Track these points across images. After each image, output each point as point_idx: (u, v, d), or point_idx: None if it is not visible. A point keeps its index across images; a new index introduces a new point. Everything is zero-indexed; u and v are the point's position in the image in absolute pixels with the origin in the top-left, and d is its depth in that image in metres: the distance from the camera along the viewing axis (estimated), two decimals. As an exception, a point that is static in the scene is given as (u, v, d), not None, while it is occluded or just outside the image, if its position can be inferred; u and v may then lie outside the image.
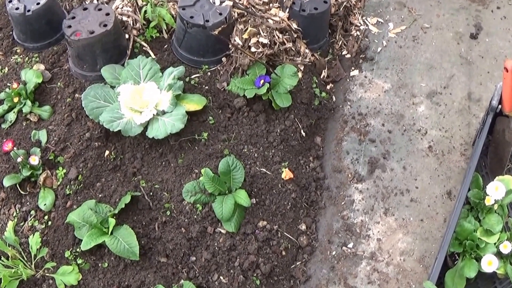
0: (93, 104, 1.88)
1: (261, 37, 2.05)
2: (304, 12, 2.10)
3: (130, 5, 2.24)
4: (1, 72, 2.14)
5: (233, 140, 1.92)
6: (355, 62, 2.28)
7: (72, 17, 2.03)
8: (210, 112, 1.96)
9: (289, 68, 2.01)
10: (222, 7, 2.04)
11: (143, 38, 2.18)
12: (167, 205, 1.76)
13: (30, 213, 1.78)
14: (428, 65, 2.18)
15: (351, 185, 1.90)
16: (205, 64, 2.09)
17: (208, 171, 1.72)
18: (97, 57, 2.01)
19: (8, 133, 1.96)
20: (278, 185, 1.84)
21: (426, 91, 2.11)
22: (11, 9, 2.11)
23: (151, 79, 1.94)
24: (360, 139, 2.02)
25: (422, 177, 1.88)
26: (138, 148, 1.88)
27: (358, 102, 2.13)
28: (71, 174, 1.80)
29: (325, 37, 2.30)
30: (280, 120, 2.00)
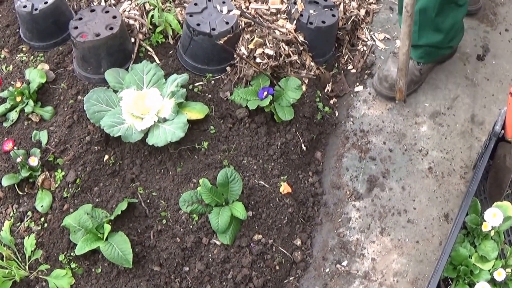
0: (95, 108, 1.90)
1: (267, 48, 2.08)
2: (312, 25, 2.12)
3: (137, 9, 2.26)
4: (5, 70, 2.17)
5: (233, 151, 1.94)
6: (360, 78, 2.30)
7: (79, 18, 2.05)
8: (211, 121, 1.99)
9: (293, 81, 2.03)
10: (230, 16, 2.06)
11: (148, 42, 2.21)
12: (163, 213, 1.78)
13: (27, 214, 1.81)
14: (433, 85, 2.20)
15: (349, 202, 1.92)
16: (209, 72, 2.12)
17: (206, 182, 1.74)
18: (102, 60, 2.03)
19: (9, 132, 1.98)
20: (275, 198, 1.86)
21: (430, 111, 2.13)
22: (19, 7, 2.14)
23: (154, 85, 1.97)
24: (360, 156, 2.03)
25: (421, 198, 1.90)
26: (138, 155, 1.90)
27: (361, 118, 2.15)
28: (70, 177, 1.83)
29: (331, 51, 2.31)
30: (281, 133, 2.02)
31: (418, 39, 2.07)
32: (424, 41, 2.08)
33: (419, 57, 2.15)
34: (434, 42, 2.09)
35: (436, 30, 2.04)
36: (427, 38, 2.07)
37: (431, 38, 2.07)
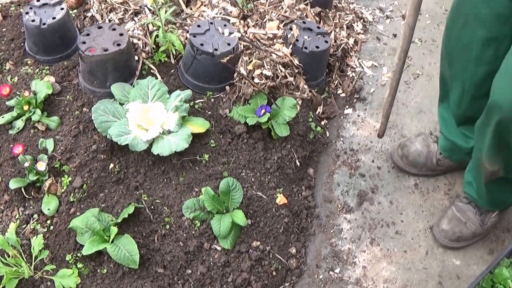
0: (102, 118, 2.03)
1: (264, 69, 2.26)
2: (306, 50, 2.32)
3: (141, 29, 2.43)
4: (11, 81, 2.29)
5: (232, 164, 2.09)
6: (349, 101, 2.50)
7: (86, 34, 2.20)
8: (212, 136, 2.14)
9: (289, 100, 2.21)
10: (231, 38, 2.25)
11: (151, 61, 2.37)
12: (167, 219, 1.91)
13: (33, 216, 1.91)
14: (418, 109, 2.41)
15: (340, 215, 2.08)
16: (209, 91, 2.28)
17: (209, 190, 1.89)
18: (108, 74, 2.17)
19: (16, 139, 2.09)
20: (272, 209, 2.00)
21: (415, 132, 2.34)
22: (27, 20, 2.27)
23: (159, 99, 2.12)
24: (350, 173, 2.21)
25: (407, 212, 2.07)
26: (142, 164, 2.03)
27: (351, 138, 2.34)
28: (76, 183, 1.94)
29: (323, 76, 2.52)
30: (277, 149, 2.18)
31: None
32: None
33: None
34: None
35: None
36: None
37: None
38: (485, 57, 1.63)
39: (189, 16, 2.51)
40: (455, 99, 1.88)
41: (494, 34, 1.55)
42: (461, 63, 1.72)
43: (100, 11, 2.52)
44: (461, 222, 2.00)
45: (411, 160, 2.18)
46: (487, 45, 1.59)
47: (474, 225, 1.99)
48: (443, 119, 2.04)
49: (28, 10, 2.32)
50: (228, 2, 2.57)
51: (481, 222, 1.99)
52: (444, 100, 2.01)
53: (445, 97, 1.98)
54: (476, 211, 2.00)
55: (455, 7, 1.69)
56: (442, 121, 2.05)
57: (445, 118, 2.03)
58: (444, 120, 2.04)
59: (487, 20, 1.54)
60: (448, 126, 2.02)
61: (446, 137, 2.06)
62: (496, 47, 1.57)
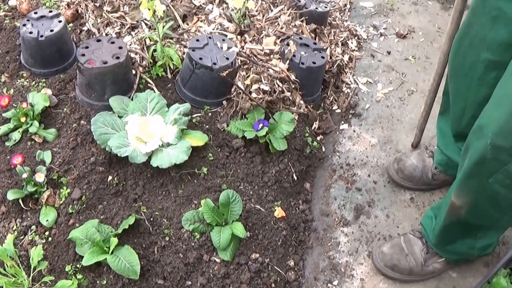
0: (102, 130, 2.10)
1: (262, 84, 2.36)
2: (303, 65, 2.42)
3: (138, 43, 2.52)
4: (6, 93, 2.35)
5: (230, 177, 2.17)
6: (345, 117, 2.60)
7: (85, 47, 2.28)
8: (210, 149, 2.22)
9: (286, 115, 2.30)
10: (229, 52, 2.35)
11: (148, 75, 2.45)
12: (166, 231, 1.97)
13: (31, 228, 1.96)
14: (413, 125, 2.53)
15: (337, 228, 2.17)
16: (207, 105, 2.37)
17: (209, 202, 1.96)
18: (107, 87, 2.25)
19: (13, 151, 2.16)
20: (270, 222, 2.08)
21: (410, 147, 2.44)
22: (25, 32, 2.35)
23: (157, 112, 2.20)
24: (347, 187, 2.30)
25: (404, 225, 2.17)
26: (140, 176, 2.10)
27: (347, 153, 2.43)
28: (75, 194, 2.01)
29: (319, 92, 2.62)
30: (275, 163, 2.27)
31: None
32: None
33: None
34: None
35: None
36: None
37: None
38: (488, 79, 1.69)
39: (186, 31, 2.61)
40: (456, 115, 1.95)
41: (497, 58, 1.60)
42: (465, 80, 1.79)
43: (96, 25, 2.61)
44: (403, 252, 1.99)
45: (407, 174, 2.27)
46: (490, 68, 1.66)
47: (415, 261, 1.97)
48: (441, 132, 2.12)
49: (26, 22, 2.40)
50: (225, 18, 2.68)
51: (423, 262, 1.97)
52: (445, 113, 2.09)
53: (446, 110, 2.06)
54: (423, 248, 1.98)
55: (465, 26, 1.76)
56: (440, 134, 2.13)
57: (443, 132, 2.11)
58: (442, 134, 2.12)
59: (492, 44, 1.61)
60: (446, 140, 2.10)
61: (442, 152, 2.12)
62: (498, 72, 1.58)
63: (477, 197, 1.61)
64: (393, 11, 3.35)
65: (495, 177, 1.47)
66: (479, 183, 1.55)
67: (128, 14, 2.64)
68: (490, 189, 1.51)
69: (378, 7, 3.38)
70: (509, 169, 1.42)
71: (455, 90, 1.90)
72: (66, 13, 2.65)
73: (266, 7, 2.85)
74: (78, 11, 2.71)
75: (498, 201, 1.54)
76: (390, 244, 2.04)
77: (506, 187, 1.47)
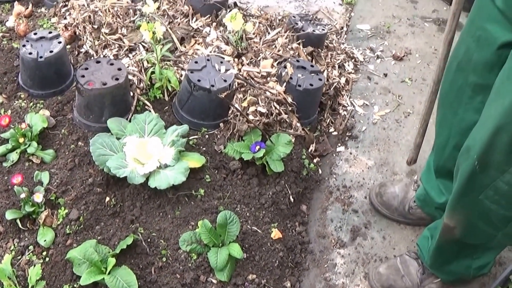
0: (100, 151, 2.21)
1: (259, 106, 2.47)
2: (300, 87, 2.54)
3: (136, 65, 2.64)
4: (4, 114, 2.46)
5: (227, 199, 2.27)
6: (341, 139, 2.72)
7: (85, 68, 2.40)
8: (207, 171, 2.33)
9: (284, 137, 2.42)
10: (227, 75, 2.47)
11: (146, 97, 2.57)
12: (163, 251, 2.07)
13: (28, 248, 2.05)
14: (409, 147, 2.65)
15: (334, 250, 2.26)
16: (204, 127, 2.48)
17: (206, 223, 2.06)
18: (105, 108, 2.36)
19: (10, 171, 2.25)
20: (267, 243, 2.18)
21: (406, 170, 2.56)
22: (24, 53, 2.46)
23: (155, 134, 2.31)
24: (344, 209, 2.41)
25: (400, 247, 2.27)
26: (138, 198, 2.20)
27: (343, 175, 2.54)
28: (72, 215, 2.10)
29: (315, 114, 2.74)
30: (272, 185, 2.37)
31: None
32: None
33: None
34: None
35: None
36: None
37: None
38: (474, 103, 1.76)
39: (184, 54, 2.73)
40: (439, 146, 2.04)
41: (483, 81, 1.65)
42: (451, 107, 1.88)
43: (94, 47, 2.73)
44: (399, 273, 2.07)
45: (385, 201, 2.37)
46: (476, 92, 1.74)
47: (411, 281, 2.06)
48: (428, 166, 2.19)
49: (25, 43, 2.52)
50: (222, 41, 2.81)
51: (419, 282, 2.05)
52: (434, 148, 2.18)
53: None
54: (419, 269, 2.07)
55: (453, 51, 1.85)
56: (427, 167, 2.17)
57: (429, 166, 2.14)
58: (428, 167, 2.16)
59: (477, 66, 1.69)
60: (429, 175, 2.14)
61: (423, 186, 2.20)
62: (484, 96, 1.63)
63: (469, 215, 1.71)
64: (389, 34, 3.50)
65: (485, 193, 1.57)
66: (471, 200, 1.64)
67: (126, 36, 2.77)
68: (482, 205, 1.61)
69: (375, 29, 3.52)
70: (497, 185, 1.53)
71: (441, 119, 2.00)
72: (64, 34, 2.78)
73: (263, 30, 2.99)
74: (76, 33, 2.83)
75: (490, 217, 1.64)
76: (386, 265, 2.14)
77: (496, 203, 1.57)
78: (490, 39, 1.59)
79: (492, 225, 1.67)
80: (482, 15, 1.63)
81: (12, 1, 3.18)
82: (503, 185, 1.52)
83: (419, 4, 3.86)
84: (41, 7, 3.21)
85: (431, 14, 3.76)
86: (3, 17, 3.07)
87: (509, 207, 1.57)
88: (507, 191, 1.52)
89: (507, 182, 1.50)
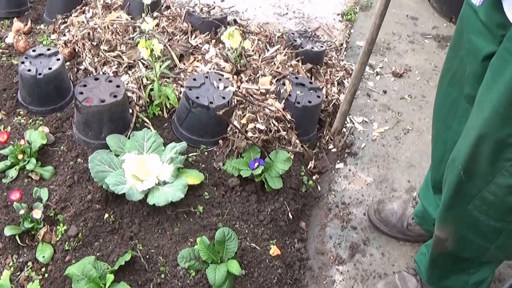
0: (99, 168, 2.28)
1: (258, 123, 2.55)
2: (299, 104, 2.62)
3: (135, 82, 2.72)
4: (3, 130, 2.54)
5: (226, 216, 2.34)
6: (341, 156, 2.80)
7: (83, 85, 2.48)
8: (205, 188, 2.40)
9: (282, 154, 2.49)
10: (226, 92, 2.55)
11: (145, 114, 2.65)
12: (162, 268, 2.13)
13: (27, 264, 2.11)
14: (408, 163, 2.72)
15: (332, 266, 2.33)
16: (203, 144, 2.56)
17: (205, 239, 2.12)
18: (104, 125, 2.44)
19: (9, 187, 2.32)
20: (266, 260, 2.24)
21: (406, 186, 2.63)
22: (23, 70, 2.54)
23: (154, 151, 2.38)
24: (342, 226, 2.47)
25: (399, 263, 2.33)
26: (137, 215, 2.27)
27: (342, 192, 2.61)
28: (71, 231, 2.17)
29: (314, 131, 2.82)
30: (270, 202, 2.44)
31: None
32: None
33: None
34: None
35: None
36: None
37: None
38: (468, 115, 1.78)
39: (183, 71, 2.82)
40: (435, 161, 2.11)
41: (474, 93, 1.66)
42: (446, 121, 1.95)
43: (93, 64, 2.82)
44: None
45: (383, 217, 2.44)
46: (471, 103, 1.76)
47: None
48: (426, 183, 2.25)
49: (24, 60, 2.61)
50: (221, 58, 2.90)
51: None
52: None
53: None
54: (418, 285, 2.12)
55: (445, 65, 1.92)
56: (425, 184, 2.22)
57: (427, 182, 2.24)
58: (426, 184, 2.25)
59: (469, 78, 1.76)
60: (427, 191, 2.19)
61: (421, 202, 2.24)
62: None
63: (459, 226, 1.77)
64: (389, 50, 3.59)
65: (473, 203, 1.64)
66: (459, 211, 1.71)
67: (125, 53, 2.86)
68: (471, 216, 1.68)
69: (375, 46, 3.59)
70: (484, 195, 1.60)
71: (436, 134, 2.07)
72: (63, 51, 2.87)
73: (262, 47, 3.08)
74: (75, 50, 2.92)
75: (480, 228, 1.70)
76: (384, 282, 2.20)
77: (484, 213, 1.64)
78: (476, 50, 1.66)
79: (483, 237, 1.72)
80: (467, 27, 1.70)
81: (11, 18, 3.28)
82: (489, 195, 1.59)
83: (419, 20, 3.96)
84: (40, 23, 3.31)
85: (431, 31, 3.85)
86: (2, 33, 3.16)
87: (498, 217, 1.63)
88: (494, 201, 1.59)
89: (492, 192, 1.57)
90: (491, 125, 1.47)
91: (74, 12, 3.21)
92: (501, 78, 1.43)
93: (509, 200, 1.56)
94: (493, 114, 1.46)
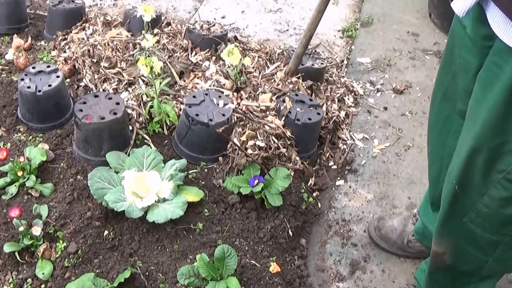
0: (98, 185, 2.34)
1: (258, 140, 2.61)
2: (299, 121, 2.69)
3: (135, 99, 2.80)
4: (3, 147, 2.60)
5: (226, 233, 2.39)
6: (341, 173, 2.86)
7: (83, 102, 2.54)
8: (205, 205, 2.46)
9: (282, 171, 2.55)
10: (225, 109, 2.62)
11: (145, 131, 2.71)
12: (162, 285, 2.18)
13: (27, 280, 2.17)
14: (409, 180, 2.78)
15: (333, 283, 2.38)
16: (203, 161, 2.62)
17: (204, 257, 2.18)
18: (104, 142, 2.50)
19: (9, 204, 2.38)
20: (265, 277, 2.29)
21: (406, 203, 2.69)
22: (23, 87, 2.61)
23: (154, 168, 2.45)
24: (343, 243, 2.53)
25: (400, 280, 2.38)
26: (136, 232, 2.33)
27: (342, 209, 2.67)
28: (71, 248, 2.22)
29: (315, 148, 2.88)
30: (270, 219, 2.50)
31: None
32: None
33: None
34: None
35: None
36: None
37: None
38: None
39: (183, 88, 2.89)
40: (433, 178, 2.17)
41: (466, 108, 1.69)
42: (440, 137, 2.00)
43: (93, 81, 2.90)
44: None
45: (383, 234, 2.49)
46: (463, 119, 1.79)
47: None
48: (425, 200, 2.31)
49: (24, 76, 2.68)
50: (221, 75, 2.97)
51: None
52: None
53: None
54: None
55: (437, 82, 1.97)
56: (424, 201, 2.28)
57: (427, 199, 2.30)
58: (425, 201, 2.31)
59: (462, 94, 1.79)
60: (426, 208, 2.23)
61: (421, 219, 2.29)
62: None
63: (456, 239, 1.82)
64: (390, 67, 3.67)
65: (468, 216, 1.70)
66: (455, 225, 1.76)
67: (125, 70, 2.93)
68: (467, 229, 1.73)
69: (375, 62, 3.69)
70: (478, 208, 1.65)
71: (431, 151, 2.13)
72: (63, 68, 2.95)
73: (262, 64, 3.16)
74: (75, 67, 3.00)
75: (477, 241, 1.75)
76: None
77: (479, 226, 1.69)
78: (467, 66, 1.70)
79: (481, 250, 1.77)
80: (458, 43, 1.74)
81: (11, 34, 3.36)
82: (483, 207, 1.64)
83: (420, 37, 4.04)
84: (40, 40, 3.40)
85: (432, 47, 3.93)
86: (2, 49, 3.24)
87: (493, 230, 1.68)
88: (488, 214, 1.64)
89: (486, 205, 1.62)
90: (482, 138, 1.53)
91: (74, 29, 3.29)
92: (490, 92, 1.48)
93: (503, 212, 1.60)
94: (484, 127, 1.51)
